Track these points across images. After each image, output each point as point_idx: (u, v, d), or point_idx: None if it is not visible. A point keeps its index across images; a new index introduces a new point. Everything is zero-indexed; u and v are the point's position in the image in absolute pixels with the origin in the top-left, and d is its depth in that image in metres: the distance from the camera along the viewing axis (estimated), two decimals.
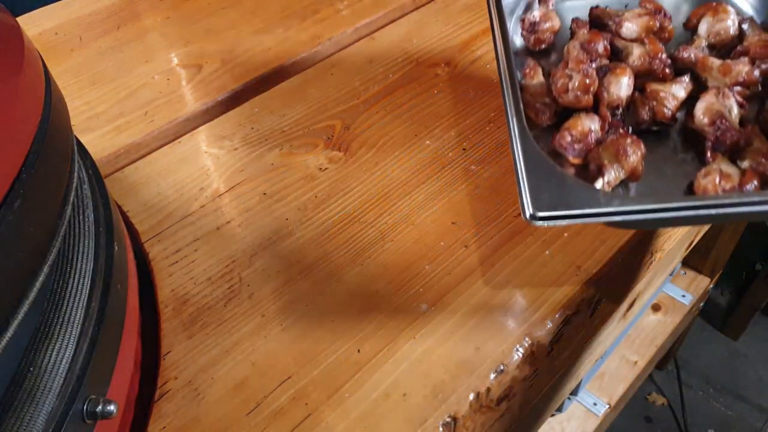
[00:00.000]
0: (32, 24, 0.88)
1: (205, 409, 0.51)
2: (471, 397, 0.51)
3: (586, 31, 0.66)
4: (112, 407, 0.39)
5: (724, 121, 0.55)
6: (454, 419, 0.50)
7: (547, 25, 0.67)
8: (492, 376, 0.52)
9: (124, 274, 0.49)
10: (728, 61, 0.60)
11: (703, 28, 0.65)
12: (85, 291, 0.41)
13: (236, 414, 0.50)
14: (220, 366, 0.53)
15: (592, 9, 0.69)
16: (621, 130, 0.57)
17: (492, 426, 0.52)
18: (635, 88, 0.59)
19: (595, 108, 0.59)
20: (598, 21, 0.68)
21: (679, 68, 0.62)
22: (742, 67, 0.59)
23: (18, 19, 0.41)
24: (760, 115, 0.58)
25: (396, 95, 0.77)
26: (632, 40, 0.65)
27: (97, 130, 0.73)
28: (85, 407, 0.38)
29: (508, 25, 0.65)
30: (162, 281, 0.59)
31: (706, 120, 0.56)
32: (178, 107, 0.76)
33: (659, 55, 0.61)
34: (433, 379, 0.52)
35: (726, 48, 0.64)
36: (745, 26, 0.65)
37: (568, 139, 0.55)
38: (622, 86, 0.59)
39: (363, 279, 0.58)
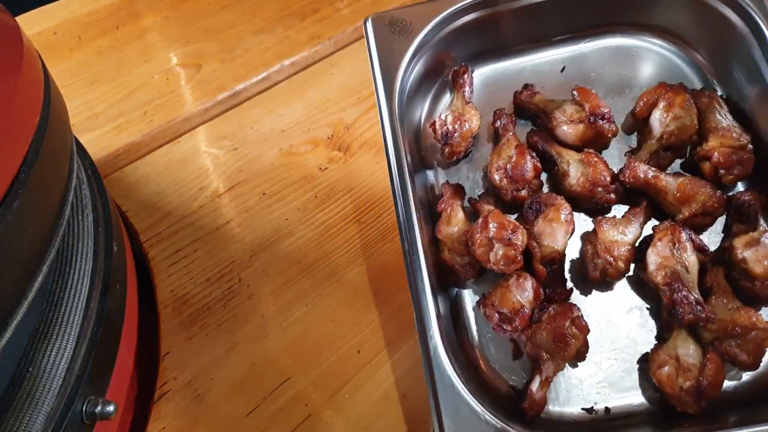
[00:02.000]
0: (31, 24, 0.87)
1: (205, 409, 0.50)
2: None
3: (511, 137, 0.54)
4: (111, 408, 0.39)
5: (681, 288, 0.47)
6: None
7: (465, 128, 0.55)
8: None
9: (123, 274, 0.48)
10: (685, 180, 0.51)
11: (655, 124, 0.54)
12: (84, 291, 0.41)
13: (236, 415, 0.50)
14: (220, 367, 0.53)
15: (516, 95, 0.58)
16: (559, 289, 0.49)
17: None
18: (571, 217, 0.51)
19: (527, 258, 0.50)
20: (523, 110, 0.58)
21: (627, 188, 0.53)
22: (701, 196, 0.50)
23: (17, 18, 0.41)
24: (725, 253, 0.49)
25: None
26: (569, 145, 0.55)
27: (96, 130, 0.73)
28: (84, 408, 0.38)
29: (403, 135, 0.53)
30: (161, 281, 0.59)
31: (659, 278, 0.48)
32: (178, 107, 0.76)
33: (601, 179, 0.52)
34: None
35: (684, 146, 0.55)
36: (714, 111, 0.54)
37: (496, 318, 0.47)
38: (557, 237, 0.50)
39: (363, 279, 0.58)
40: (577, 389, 0.48)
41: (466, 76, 0.57)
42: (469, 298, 0.52)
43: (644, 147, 0.55)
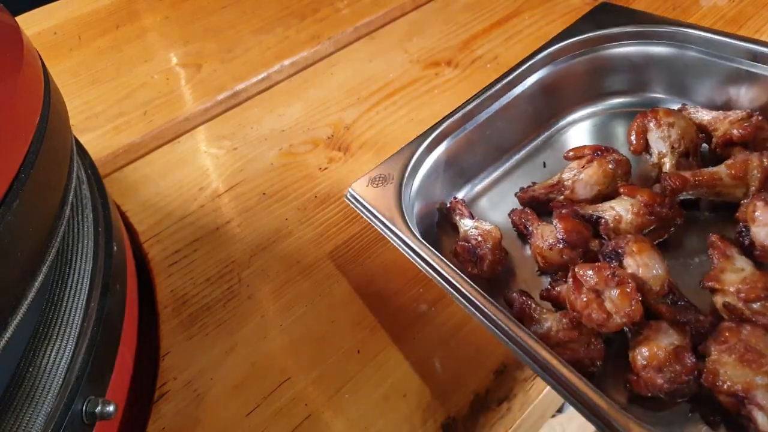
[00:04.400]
0: (31, 23, 0.88)
1: (205, 409, 0.50)
2: (471, 397, 0.51)
3: (541, 224, 0.49)
4: (111, 408, 0.39)
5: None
6: (454, 420, 0.50)
7: (490, 242, 0.50)
8: (492, 376, 0.52)
9: (123, 274, 0.48)
10: (728, 161, 0.47)
11: (658, 143, 0.51)
12: (84, 291, 0.41)
13: (236, 415, 0.50)
14: (220, 367, 0.53)
15: (519, 195, 0.55)
16: (701, 318, 0.40)
17: (492, 427, 0.51)
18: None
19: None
20: (535, 202, 0.54)
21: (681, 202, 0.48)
22: (755, 161, 0.45)
23: (17, 18, 0.41)
24: None
25: (396, 95, 0.76)
26: (592, 200, 0.50)
27: (96, 130, 0.73)
28: (84, 408, 0.38)
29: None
30: (161, 282, 0.59)
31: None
32: (178, 107, 0.76)
33: (657, 200, 0.46)
34: (434, 380, 0.52)
35: (697, 148, 0.51)
36: (696, 114, 0.52)
37: (660, 380, 0.37)
38: (654, 264, 0.42)
39: (363, 279, 0.58)
40: None
41: (460, 207, 0.56)
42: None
43: (667, 167, 0.51)
